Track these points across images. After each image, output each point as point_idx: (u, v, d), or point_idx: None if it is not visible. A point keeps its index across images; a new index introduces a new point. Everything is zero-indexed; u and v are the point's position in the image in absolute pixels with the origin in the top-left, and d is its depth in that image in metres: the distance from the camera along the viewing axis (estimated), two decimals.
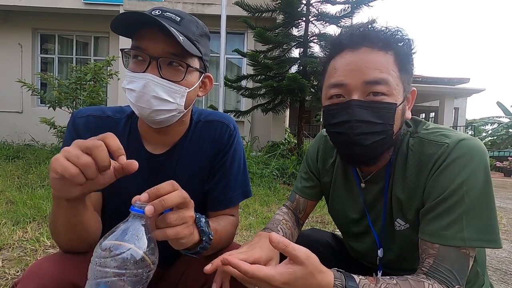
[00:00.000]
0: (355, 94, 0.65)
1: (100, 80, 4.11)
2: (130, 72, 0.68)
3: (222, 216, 0.81)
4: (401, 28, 0.68)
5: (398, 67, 0.66)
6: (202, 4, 6.58)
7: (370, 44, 0.65)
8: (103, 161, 0.48)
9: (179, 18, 0.69)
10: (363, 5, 4.77)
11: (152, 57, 0.66)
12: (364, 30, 0.67)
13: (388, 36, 0.66)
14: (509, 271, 1.90)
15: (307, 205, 0.94)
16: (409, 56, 0.68)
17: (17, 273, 1.52)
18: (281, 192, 3.82)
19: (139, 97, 0.67)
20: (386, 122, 0.65)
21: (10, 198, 2.75)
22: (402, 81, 0.66)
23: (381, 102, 0.64)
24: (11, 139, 6.28)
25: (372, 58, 0.64)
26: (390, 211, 0.74)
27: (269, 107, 5.52)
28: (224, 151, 0.81)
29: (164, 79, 0.67)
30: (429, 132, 0.69)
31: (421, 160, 0.67)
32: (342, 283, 0.55)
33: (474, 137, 0.65)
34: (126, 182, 0.74)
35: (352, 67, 0.65)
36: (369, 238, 0.81)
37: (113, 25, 0.66)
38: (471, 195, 0.60)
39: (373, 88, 0.64)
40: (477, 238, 0.59)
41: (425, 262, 0.62)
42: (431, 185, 0.64)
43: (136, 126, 0.79)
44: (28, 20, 7.03)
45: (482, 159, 0.62)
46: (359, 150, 0.67)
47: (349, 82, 0.65)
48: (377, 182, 0.76)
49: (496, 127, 17.10)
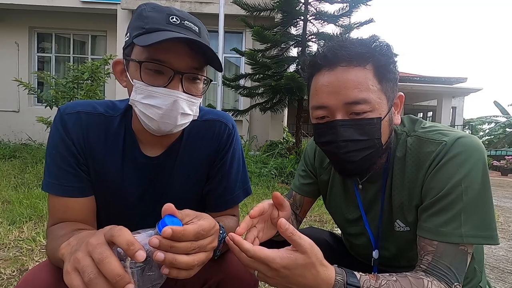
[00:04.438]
0: (338, 114, 0.65)
1: (97, 79, 4.09)
2: (147, 86, 0.62)
3: (225, 217, 0.79)
4: (376, 36, 0.67)
5: (378, 80, 0.65)
6: (200, 3, 6.56)
7: (346, 62, 0.64)
8: (111, 277, 0.41)
9: (197, 28, 0.66)
10: (361, 4, 4.78)
11: (177, 71, 0.63)
12: (338, 50, 0.65)
13: (363, 50, 0.64)
14: (506, 270, 1.91)
15: (303, 202, 0.94)
16: (389, 65, 0.66)
17: (13, 273, 1.51)
18: (279, 191, 3.78)
19: (165, 115, 0.64)
20: (372, 137, 0.65)
21: (6, 198, 2.74)
22: (384, 92, 0.66)
23: (364, 119, 0.64)
24: (7, 138, 6.25)
25: (349, 77, 0.63)
26: (390, 211, 0.74)
27: (267, 106, 5.51)
28: (223, 151, 0.79)
29: (189, 95, 0.65)
30: (427, 130, 0.69)
31: (420, 158, 0.67)
32: (343, 278, 0.55)
33: (471, 134, 0.66)
34: (122, 186, 0.74)
35: (330, 88, 0.65)
36: (364, 238, 0.81)
37: (142, 42, 0.60)
38: (469, 192, 0.60)
39: (354, 108, 0.64)
40: (475, 234, 0.60)
41: (424, 259, 0.62)
42: (429, 183, 0.65)
43: (131, 126, 0.74)
44: (25, 18, 6.98)
45: (480, 157, 0.62)
46: (350, 166, 0.68)
47: (331, 104, 0.65)
48: (374, 182, 0.76)
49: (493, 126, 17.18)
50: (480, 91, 11.29)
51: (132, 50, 0.65)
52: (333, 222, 2.71)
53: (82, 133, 0.69)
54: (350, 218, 0.83)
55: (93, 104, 0.73)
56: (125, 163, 0.73)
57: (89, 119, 0.71)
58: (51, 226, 0.68)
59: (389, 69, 0.67)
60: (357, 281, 0.56)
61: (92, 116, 0.71)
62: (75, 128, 0.69)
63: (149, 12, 0.64)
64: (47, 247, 0.65)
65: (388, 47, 0.67)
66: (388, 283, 0.57)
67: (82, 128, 0.69)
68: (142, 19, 0.63)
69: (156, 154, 0.75)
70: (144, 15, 0.63)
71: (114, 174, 0.72)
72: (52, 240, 0.63)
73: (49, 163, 0.69)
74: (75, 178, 0.68)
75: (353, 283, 0.55)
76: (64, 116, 0.69)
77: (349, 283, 0.55)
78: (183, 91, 0.64)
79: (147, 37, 0.60)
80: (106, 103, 0.75)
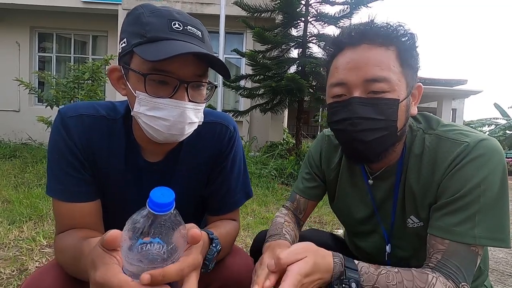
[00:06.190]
0: (356, 91, 0.65)
1: (98, 79, 4.08)
2: (152, 98, 0.60)
3: (224, 222, 0.78)
4: (403, 23, 0.68)
5: (400, 62, 0.65)
6: (201, 4, 6.56)
7: (370, 40, 0.65)
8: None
9: (200, 32, 0.64)
10: (361, 6, 4.78)
11: (182, 81, 0.61)
12: (364, 27, 0.66)
13: (389, 32, 0.65)
14: (506, 272, 1.91)
15: (307, 206, 0.93)
16: (412, 51, 0.67)
17: (13, 272, 1.51)
18: (279, 192, 3.81)
19: (173, 126, 0.62)
20: (389, 118, 0.64)
21: (6, 197, 2.73)
22: (405, 76, 0.66)
23: (382, 98, 0.64)
24: (8, 138, 6.24)
25: (372, 55, 0.64)
26: (403, 207, 0.73)
27: (267, 107, 5.51)
28: (224, 154, 0.78)
29: (195, 103, 0.64)
30: (447, 129, 0.69)
31: (438, 157, 0.67)
32: (341, 260, 0.59)
33: (492, 137, 0.65)
34: (124, 190, 0.73)
35: (352, 65, 0.65)
36: (377, 236, 0.80)
37: (149, 55, 0.57)
38: (487, 194, 0.60)
39: (373, 86, 0.64)
40: (488, 236, 0.59)
41: (433, 258, 0.62)
42: (447, 182, 0.64)
43: (131, 130, 0.72)
44: (26, 18, 6.98)
45: (501, 160, 0.62)
46: (361, 147, 0.67)
47: (350, 80, 0.65)
48: (386, 178, 0.75)
49: (493, 128, 17.14)
50: (480, 93, 11.31)
51: (131, 58, 0.62)
52: (333, 224, 2.71)
53: (85, 137, 0.68)
54: (361, 216, 0.82)
55: (94, 106, 0.71)
56: (128, 167, 0.72)
57: (92, 122, 0.68)
58: (59, 234, 0.67)
59: (412, 54, 0.67)
60: (355, 266, 0.58)
61: (95, 119, 0.69)
62: (78, 132, 0.67)
63: (149, 18, 0.60)
64: (58, 257, 0.64)
65: (412, 35, 0.68)
66: (388, 273, 0.58)
67: (85, 132, 0.67)
68: (142, 25, 0.59)
69: (157, 160, 0.74)
70: (144, 20, 0.60)
71: (116, 178, 0.72)
72: (61, 251, 0.63)
73: (54, 168, 0.67)
74: (82, 182, 0.67)
75: (350, 266, 0.58)
76: (66, 119, 0.67)
77: (347, 266, 0.58)
78: (189, 100, 0.62)
79: (151, 49, 0.57)
80: (107, 105, 0.73)
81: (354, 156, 0.72)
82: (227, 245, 0.72)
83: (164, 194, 0.43)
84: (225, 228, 0.75)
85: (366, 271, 0.58)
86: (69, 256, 0.59)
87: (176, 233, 0.45)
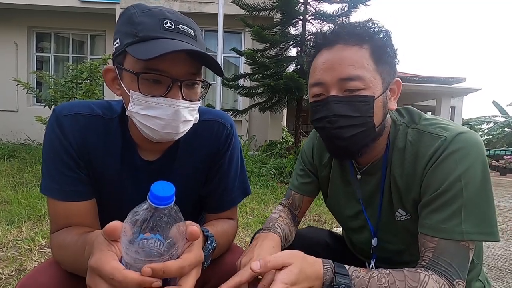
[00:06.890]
0: (333, 90, 0.67)
1: (96, 78, 4.08)
2: (146, 97, 0.60)
3: (222, 221, 0.78)
4: (376, 21, 0.70)
5: (374, 60, 0.67)
6: (199, 3, 6.55)
7: (344, 40, 0.67)
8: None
9: (192, 31, 0.63)
10: (360, 4, 4.77)
11: (175, 80, 0.60)
12: (338, 28, 0.69)
13: (362, 31, 0.67)
14: (504, 269, 1.91)
15: (303, 202, 0.94)
16: (386, 48, 0.68)
17: (11, 273, 1.51)
18: (279, 191, 3.82)
19: (167, 125, 0.62)
20: (365, 115, 0.66)
21: (5, 198, 2.73)
22: (379, 73, 0.67)
23: (357, 96, 0.65)
24: (6, 138, 6.23)
25: (346, 55, 0.66)
26: (390, 201, 0.74)
27: (266, 106, 5.51)
28: (222, 152, 0.78)
29: (189, 101, 0.64)
30: (428, 124, 0.70)
31: (419, 151, 0.67)
32: (331, 267, 0.58)
33: (471, 130, 0.66)
34: (120, 189, 0.73)
35: (327, 65, 0.68)
36: (366, 231, 0.81)
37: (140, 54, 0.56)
38: (469, 188, 0.60)
39: (348, 84, 0.65)
40: (476, 231, 0.60)
41: (425, 256, 0.63)
42: (428, 178, 0.65)
43: (127, 129, 0.71)
44: (24, 18, 6.97)
45: (480, 153, 0.62)
46: (341, 143, 0.69)
47: (326, 80, 0.68)
48: (374, 173, 0.76)
49: (492, 126, 17.19)
50: (479, 91, 11.32)
51: (124, 58, 0.62)
52: (332, 222, 2.71)
53: (80, 136, 0.67)
54: (350, 213, 0.83)
55: (90, 105, 0.70)
56: (124, 166, 0.72)
57: (87, 121, 0.68)
58: (54, 232, 0.67)
59: (386, 51, 0.68)
60: (345, 271, 0.58)
61: (90, 118, 0.68)
62: (73, 131, 0.66)
63: (140, 17, 0.60)
64: (56, 254, 0.64)
65: (386, 32, 0.69)
66: (379, 276, 0.58)
67: (80, 131, 0.67)
68: (134, 25, 0.59)
69: (154, 158, 0.74)
70: (136, 20, 0.60)
71: (112, 177, 0.71)
72: (60, 248, 0.63)
73: (49, 167, 0.67)
74: (77, 182, 0.67)
75: (340, 272, 0.57)
76: (61, 118, 0.66)
77: (337, 272, 0.57)
78: (183, 99, 0.62)
79: (143, 48, 0.57)
80: (103, 104, 0.72)
81: (336, 152, 0.74)
82: (224, 243, 0.73)
83: (164, 188, 0.44)
84: (222, 227, 0.75)
85: (357, 275, 0.57)
86: (70, 251, 0.59)
87: (175, 229, 0.45)
